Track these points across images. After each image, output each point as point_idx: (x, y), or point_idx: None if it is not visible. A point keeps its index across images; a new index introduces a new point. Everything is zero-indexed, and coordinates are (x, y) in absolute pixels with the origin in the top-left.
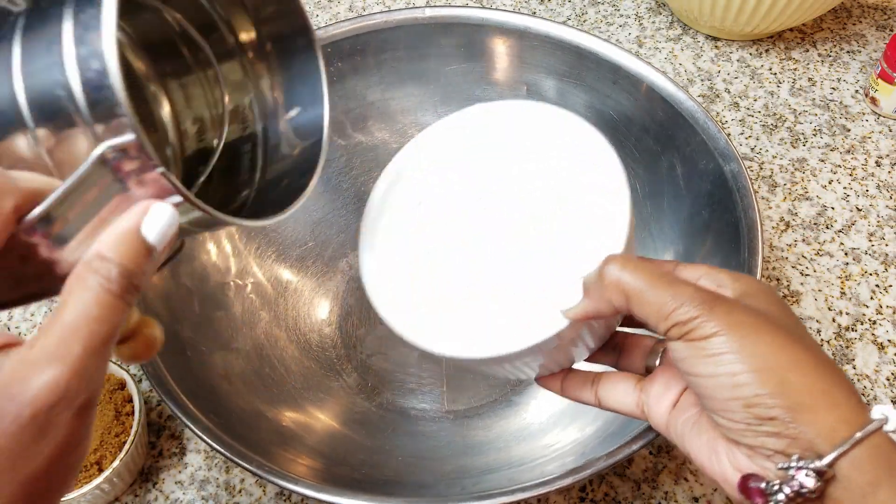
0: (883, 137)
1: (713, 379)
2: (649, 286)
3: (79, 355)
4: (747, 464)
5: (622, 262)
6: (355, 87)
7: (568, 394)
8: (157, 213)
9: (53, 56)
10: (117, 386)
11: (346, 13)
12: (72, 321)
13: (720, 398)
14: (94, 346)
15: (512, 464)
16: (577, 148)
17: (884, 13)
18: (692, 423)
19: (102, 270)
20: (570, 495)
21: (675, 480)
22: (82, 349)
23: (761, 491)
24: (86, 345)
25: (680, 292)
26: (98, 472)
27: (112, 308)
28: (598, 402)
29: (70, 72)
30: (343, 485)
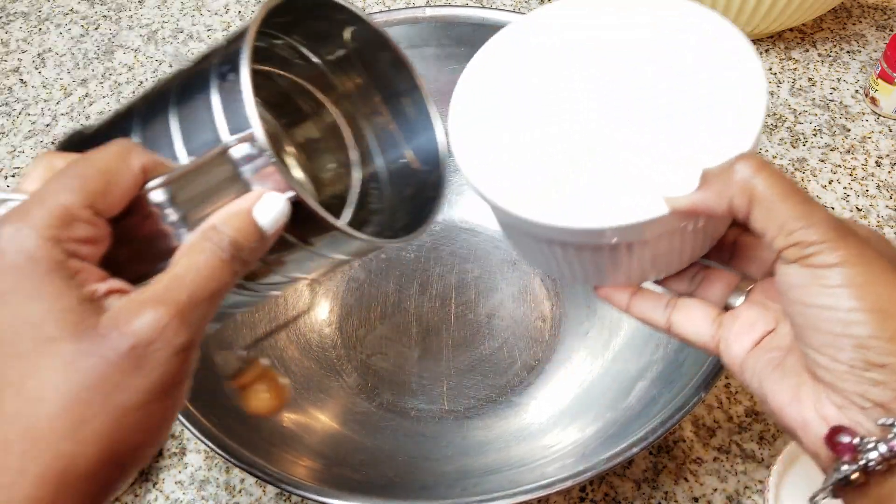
0: (883, 137)
1: (826, 312)
2: (782, 197)
3: (183, 302)
4: (835, 414)
5: (759, 165)
6: None
7: (635, 311)
8: (271, 201)
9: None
10: None
11: None
12: (182, 273)
13: (828, 333)
14: (199, 298)
15: (512, 464)
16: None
17: (884, 13)
18: (775, 364)
19: (215, 238)
20: (571, 495)
21: (675, 480)
22: (187, 297)
23: (852, 447)
24: (191, 294)
25: (813, 212)
26: None
27: (220, 270)
28: (668, 326)
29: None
30: (343, 486)
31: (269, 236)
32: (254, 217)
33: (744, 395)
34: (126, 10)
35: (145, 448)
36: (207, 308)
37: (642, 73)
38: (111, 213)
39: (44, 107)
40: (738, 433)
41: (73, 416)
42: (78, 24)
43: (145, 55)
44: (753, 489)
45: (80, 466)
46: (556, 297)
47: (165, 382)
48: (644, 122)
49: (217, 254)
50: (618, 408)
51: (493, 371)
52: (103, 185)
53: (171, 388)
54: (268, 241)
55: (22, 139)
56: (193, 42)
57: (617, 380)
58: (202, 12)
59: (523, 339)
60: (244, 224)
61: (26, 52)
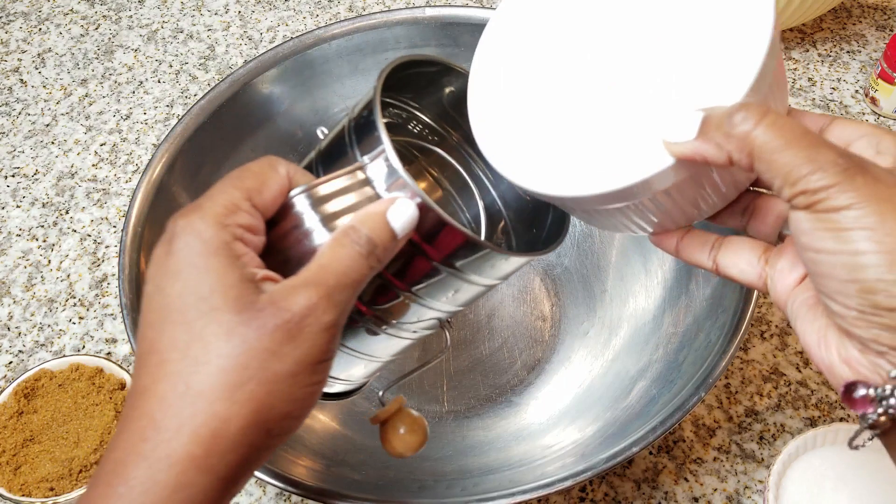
0: None
1: (834, 257)
2: (784, 146)
3: (331, 286)
4: (858, 357)
5: (758, 114)
6: (355, 87)
7: (683, 255)
8: (403, 206)
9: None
10: (117, 386)
11: (346, 13)
12: (327, 263)
13: (837, 279)
14: (343, 283)
15: (512, 464)
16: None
17: (884, 13)
18: (809, 304)
19: (354, 236)
20: (571, 495)
21: (675, 480)
22: (335, 281)
23: (868, 399)
24: (337, 280)
25: (819, 155)
26: None
27: (359, 262)
28: (715, 267)
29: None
30: (343, 486)
31: (399, 238)
32: (387, 219)
33: (744, 395)
34: (126, 10)
35: (291, 418)
36: (350, 294)
37: (648, 27)
38: (266, 209)
39: (44, 107)
40: (738, 433)
41: (231, 379)
42: (78, 24)
43: (145, 55)
44: (753, 489)
45: (232, 427)
46: (556, 297)
47: (314, 355)
48: (652, 74)
49: (356, 249)
50: (618, 408)
51: (493, 371)
52: (258, 183)
53: (317, 362)
54: (399, 242)
55: (22, 139)
56: (193, 42)
57: (617, 380)
58: (202, 12)
59: (523, 339)
60: (379, 224)
61: (26, 52)
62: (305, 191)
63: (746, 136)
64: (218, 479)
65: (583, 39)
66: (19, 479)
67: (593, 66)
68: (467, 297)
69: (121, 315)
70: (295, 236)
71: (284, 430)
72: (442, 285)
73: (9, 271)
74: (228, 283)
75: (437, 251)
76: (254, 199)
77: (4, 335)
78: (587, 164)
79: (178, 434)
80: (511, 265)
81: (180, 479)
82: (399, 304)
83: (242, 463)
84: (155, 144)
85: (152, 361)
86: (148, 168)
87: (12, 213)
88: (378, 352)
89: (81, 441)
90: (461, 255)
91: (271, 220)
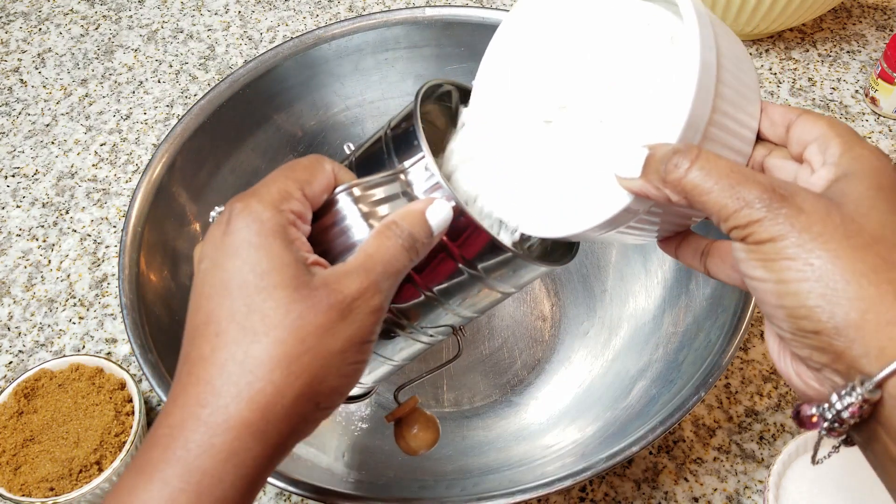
0: (883, 137)
1: (764, 284)
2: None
3: (378, 272)
4: (805, 371)
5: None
6: (355, 87)
7: (681, 259)
8: (440, 206)
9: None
10: (117, 386)
11: (346, 13)
12: (375, 252)
13: (770, 304)
14: (388, 271)
15: (512, 464)
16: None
17: (884, 13)
18: None
19: (396, 230)
20: (571, 495)
21: (675, 480)
22: (382, 269)
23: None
24: (384, 267)
25: (746, 192)
26: (98, 472)
27: (401, 254)
28: (706, 272)
29: None
30: (343, 485)
31: (435, 234)
32: (426, 216)
33: (744, 395)
34: (126, 10)
35: (337, 393)
36: (393, 282)
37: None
38: (314, 200)
39: (44, 107)
40: (738, 433)
41: (289, 350)
42: (78, 24)
43: (145, 55)
44: (753, 489)
45: (287, 397)
46: (556, 297)
47: (362, 334)
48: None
49: (399, 242)
50: (618, 408)
51: (493, 371)
52: (308, 175)
53: (364, 342)
54: (434, 240)
55: (22, 139)
56: (193, 42)
57: (617, 380)
58: (202, 12)
59: (523, 339)
60: (419, 220)
61: (26, 52)
62: (349, 188)
63: (680, 181)
64: (269, 446)
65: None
66: (19, 479)
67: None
68: (485, 304)
69: (121, 315)
70: (338, 229)
71: (330, 404)
72: (463, 288)
73: (9, 271)
74: (285, 262)
75: (463, 252)
76: (304, 190)
77: (4, 335)
78: (571, 202)
79: (236, 400)
80: (531, 273)
81: (234, 445)
82: (420, 305)
83: (291, 432)
84: (155, 144)
85: (210, 332)
86: (148, 168)
87: (12, 213)
88: (393, 354)
89: (81, 441)
90: (486, 258)
91: (315, 213)
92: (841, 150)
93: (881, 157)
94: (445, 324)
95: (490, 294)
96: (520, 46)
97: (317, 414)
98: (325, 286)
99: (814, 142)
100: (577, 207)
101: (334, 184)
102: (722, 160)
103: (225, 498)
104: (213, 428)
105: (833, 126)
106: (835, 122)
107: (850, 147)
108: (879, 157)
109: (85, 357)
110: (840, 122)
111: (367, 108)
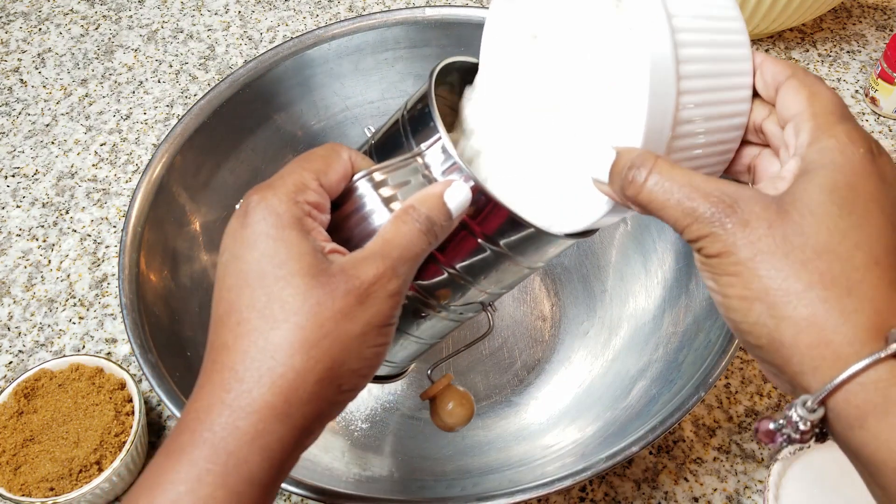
0: (883, 137)
1: (714, 295)
2: (666, 202)
3: (395, 258)
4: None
5: (646, 172)
6: (355, 87)
7: None
8: (458, 188)
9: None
10: (117, 386)
11: (346, 13)
12: (392, 237)
13: (722, 315)
14: (405, 256)
15: (512, 464)
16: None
17: (884, 13)
18: None
19: (413, 214)
20: (570, 495)
21: (675, 480)
22: (398, 254)
23: (774, 432)
24: (401, 252)
25: (696, 207)
26: (98, 472)
27: (418, 238)
28: None
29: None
30: (343, 485)
31: (454, 217)
32: (444, 199)
33: (744, 395)
34: (126, 10)
35: (359, 376)
36: (411, 266)
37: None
38: (331, 189)
39: (44, 107)
40: (738, 433)
41: (308, 336)
42: (78, 24)
43: (145, 55)
44: (753, 489)
45: (308, 381)
46: (556, 297)
47: (380, 318)
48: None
49: (416, 226)
50: (618, 408)
51: (494, 371)
52: (324, 164)
53: (383, 325)
54: (454, 221)
55: (22, 139)
56: (193, 42)
57: (617, 380)
58: (202, 12)
59: (523, 339)
60: (437, 204)
61: (26, 52)
62: (367, 175)
63: (638, 193)
64: (294, 428)
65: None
66: (19, 479)
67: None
68: (512, 280)
69: (121, 315)
70: (358, 216)
71: (353, 387)
72: (488, 265)
73: (9, 271)
74: (302, 252)
75: (485, 230)
76: (321, 180)
77: (4, 335)
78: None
79: (259, 384)
80: (556, 247)
81: (259, 427)
82: (447, 284)
83: (316, 415)
84: (155, 144)
85: (232, 321)
86: (148, 168)
87: (12, 213)
88: (424, 333)
89: (81, 441)
90: (508, 234)
91: (335, 201)
92: (810, 138)
93: (847, 149)
94: (474, 301)
95: (516, 270)
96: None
97: (340, 396)
98: (342, 272)
99: (791, 120)
100: (578, 203)
101: (352, 171)
102: (677, 171)
103: (252, 478)
104: (238, 411)
105: (812, 102)
106: (815, 96)
107: (818, 136)
108: (846, 148)
109: (85, 357)
110: (824, 91)
111: (367, 108)
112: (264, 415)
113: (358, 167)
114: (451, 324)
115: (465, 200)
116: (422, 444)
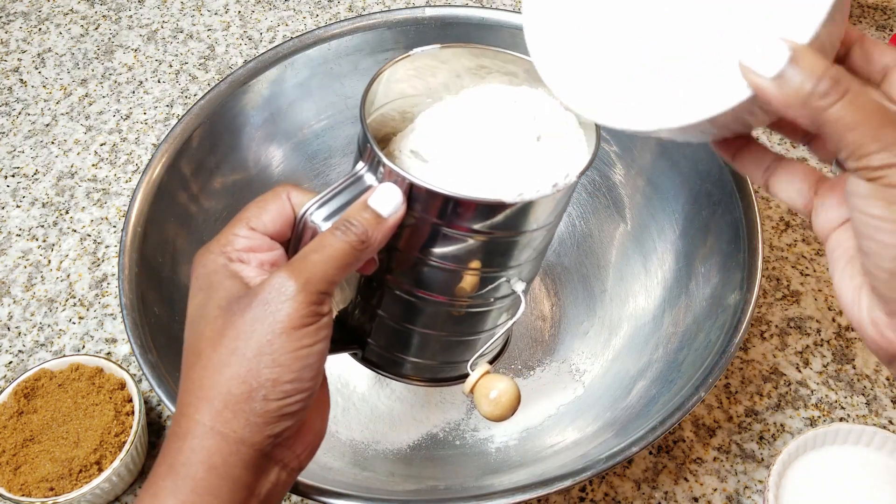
0: None
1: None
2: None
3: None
4: (884, 320)
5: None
6: (355, 87)
7: (737, 165)
8: (383, 189)
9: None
10: (117, 386)
11: (346, 13)
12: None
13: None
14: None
15: (512, 464)
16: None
17: (884, 13)
18: (848, 257)
19: (342, 227)
20: (570, 495)
21: (675, 480)
22: (301, 255)
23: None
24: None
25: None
26: (98, 472)
27: (344, 250)
28: (766, 186)
29: None
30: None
31: (386, 217)
32: (369, 204)
33: (744, 395)
34: (126, 10)
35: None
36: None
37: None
38: (266, 228)
39: (44, 107)
40: (738, 433)
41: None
42: (78, 24)
43: (145, 55)
44: (753, 489)
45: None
46: (556, 297)
47: (283, 322)
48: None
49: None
50: (618, 408)
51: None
52: (257, 210)
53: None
54: (387, 221)
55: (22, 139)
56: (193, 42)
57: (617, 380)
58: (202, 12)
59: (523, 339)
60: (359, 210)
61: (26, 52)
62: (313, 205)
63: (823, 111)
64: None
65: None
66: (19, 479)
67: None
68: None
69: (121, 315)
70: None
71: (283, 394)
72: (488, 250)
73: (9, 271)
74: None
75: (461, 222)
76: (251, 224)
77: (4, 335)
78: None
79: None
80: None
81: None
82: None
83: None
84: (155, 144)
85: (186, 355)
86: (148, 168)
87: (12, 213)
88: (470, 329)
89: (81, 441)
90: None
91: (300, 236)
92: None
93: None
94: (494, 284)
95: (522, 239)
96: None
97: (271, 405)
98: (248, 294)
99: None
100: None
101: (290, 207)
102: (867, 97)
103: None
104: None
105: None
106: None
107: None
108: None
109: (85, 357)
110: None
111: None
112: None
113: (295, 201)
114: (490, 310)
115: (391, 198)
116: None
